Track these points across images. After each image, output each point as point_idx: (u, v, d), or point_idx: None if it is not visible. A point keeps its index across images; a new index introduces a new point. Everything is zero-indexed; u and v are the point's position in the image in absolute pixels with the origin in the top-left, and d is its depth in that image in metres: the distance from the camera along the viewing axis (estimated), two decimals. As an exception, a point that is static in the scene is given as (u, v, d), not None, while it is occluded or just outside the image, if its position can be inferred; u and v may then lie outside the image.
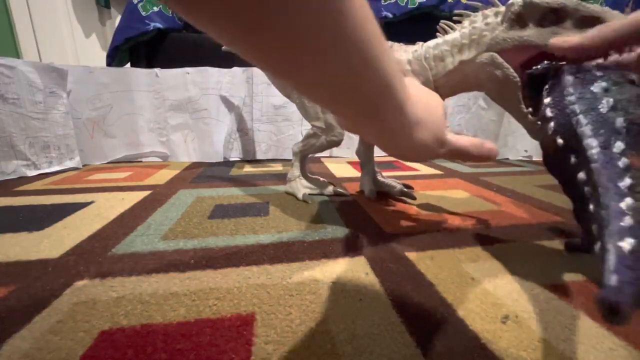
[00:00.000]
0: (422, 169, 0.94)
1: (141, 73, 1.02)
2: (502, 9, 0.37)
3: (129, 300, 0.29)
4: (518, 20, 0.34)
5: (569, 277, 0.34)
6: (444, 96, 0.44)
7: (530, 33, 0.33)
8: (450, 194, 0.66)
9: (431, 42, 0.45)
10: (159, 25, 1.05)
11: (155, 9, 1.05)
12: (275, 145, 1.11)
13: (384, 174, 0.65)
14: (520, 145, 1.14)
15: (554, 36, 0.32)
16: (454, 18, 0.43)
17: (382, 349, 0.24)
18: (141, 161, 1.09)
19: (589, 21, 0.32)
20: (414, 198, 0.61)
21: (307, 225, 0.48)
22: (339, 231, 0.46)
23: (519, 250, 0.40)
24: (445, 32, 0.44)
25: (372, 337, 0.25)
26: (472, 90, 0.44)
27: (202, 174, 0.88)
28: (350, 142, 1.17)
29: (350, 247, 0.41)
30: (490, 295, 0.30)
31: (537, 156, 1.13)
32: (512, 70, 0.35)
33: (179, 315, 0.27)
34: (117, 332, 0.25)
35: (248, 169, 0.95)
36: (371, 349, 0.24)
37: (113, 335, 0.25)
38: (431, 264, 0.36)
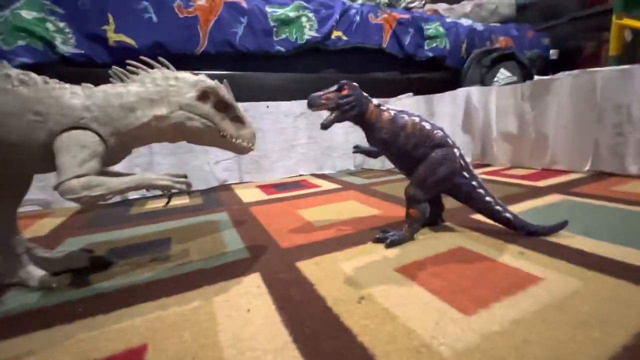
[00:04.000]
0: (324, 184, 1.05)
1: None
2: (181, 75, 0.43)
3: (2, 363, 0.28)
4: (203, 97, 0.42)
5: (414, 258, 0.44)
6: (135, 146, 0.44)
7: (210, 111, 0.43)
8: (343, 205, 0.76)
9: (110, 89, 0.41)
10: (26, 60, 0.95)
11: (22, 42, 0.94)
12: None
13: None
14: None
15: (223, 120, 0.44)
16: (128, 68, 0.43)
17: (261, 343, 0.29)
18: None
19: (238, 120, 0.45)
20: (109, 263, 0.49)
21: (209, 253, 0.51)
22: (239, 253, 0.50)
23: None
24: (120, 80, 0.43)
25: (256, 337, 0.30)
26: (167, 141, 0.46)
27: (95, 217, 0.81)
28: (257, 166, 1.21)
29: (247, 267, 0.45)
30: (353, 283, 0.38)
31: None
32: (206, 119, 0.42)
33: (64, 364, 0.28)
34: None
35: (150, 205, 0.91)
36: (253, 347, 0.28)
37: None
38: (315, 268, 0.43)
